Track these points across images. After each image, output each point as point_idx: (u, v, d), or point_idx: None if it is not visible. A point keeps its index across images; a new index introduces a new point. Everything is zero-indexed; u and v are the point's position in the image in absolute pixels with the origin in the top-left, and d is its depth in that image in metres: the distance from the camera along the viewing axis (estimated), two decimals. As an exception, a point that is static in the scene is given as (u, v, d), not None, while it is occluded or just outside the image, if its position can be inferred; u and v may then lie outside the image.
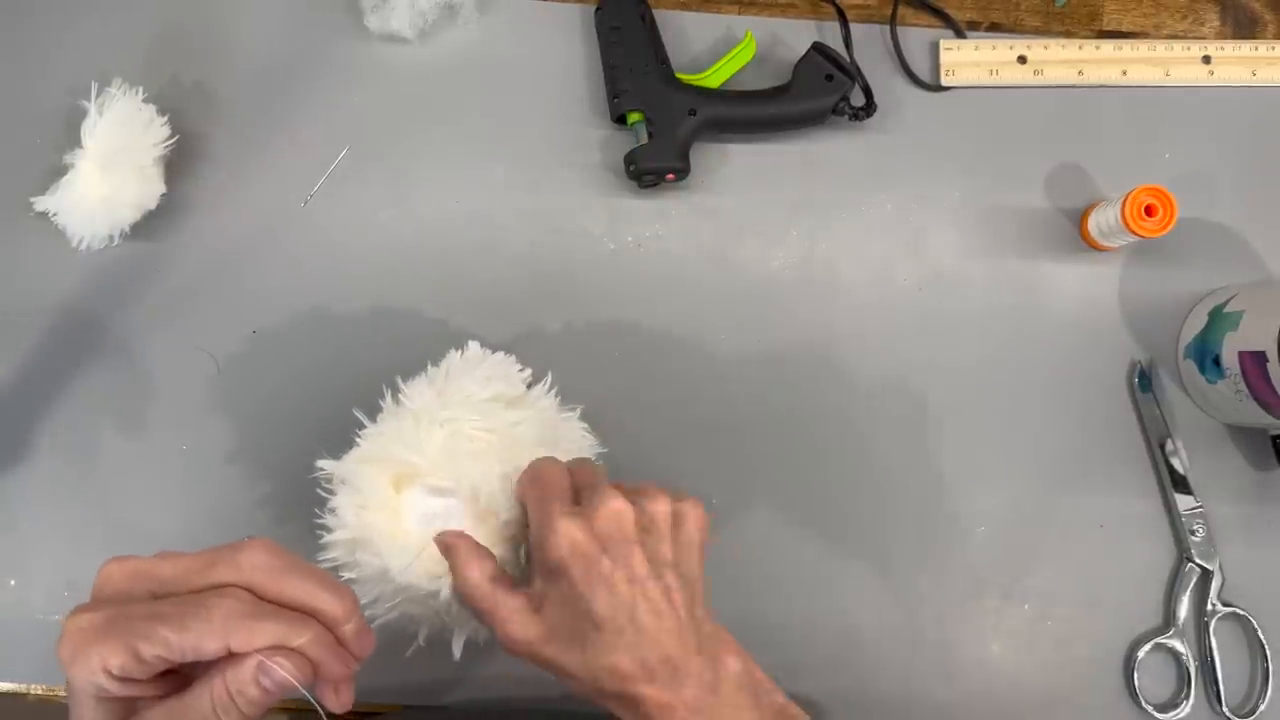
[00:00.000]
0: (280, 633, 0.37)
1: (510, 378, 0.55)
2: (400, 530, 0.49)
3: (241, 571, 0.38)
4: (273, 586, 0.38)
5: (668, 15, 0.67)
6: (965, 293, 0.65)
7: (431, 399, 0.52)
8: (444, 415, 0.51)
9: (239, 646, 0.36)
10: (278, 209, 0.64)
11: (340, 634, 0.39)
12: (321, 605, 0.39)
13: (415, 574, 0.49)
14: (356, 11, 0.65)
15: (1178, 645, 0.61)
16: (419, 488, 0.50)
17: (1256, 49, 0.68)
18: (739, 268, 0.65)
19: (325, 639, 0.38)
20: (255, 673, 0.36)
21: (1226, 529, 0.63)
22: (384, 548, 0.49)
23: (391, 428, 0.52)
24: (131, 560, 0.38)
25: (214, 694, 0.37)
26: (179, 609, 0.36)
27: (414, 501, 0.50)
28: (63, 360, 0.62)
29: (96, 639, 0.35)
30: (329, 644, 0.39)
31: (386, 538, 0.49)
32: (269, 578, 0.38)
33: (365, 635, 0.40)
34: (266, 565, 0.38)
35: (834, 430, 0.63)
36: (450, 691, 0.60)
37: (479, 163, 0.65)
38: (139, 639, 0.35)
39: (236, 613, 0.36)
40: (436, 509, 0.50)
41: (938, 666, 0.61)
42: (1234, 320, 0.60)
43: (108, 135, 0.59)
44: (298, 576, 0.39)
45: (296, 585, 0.38)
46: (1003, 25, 0.69)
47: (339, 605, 0.39)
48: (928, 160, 0.66)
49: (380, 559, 0.49)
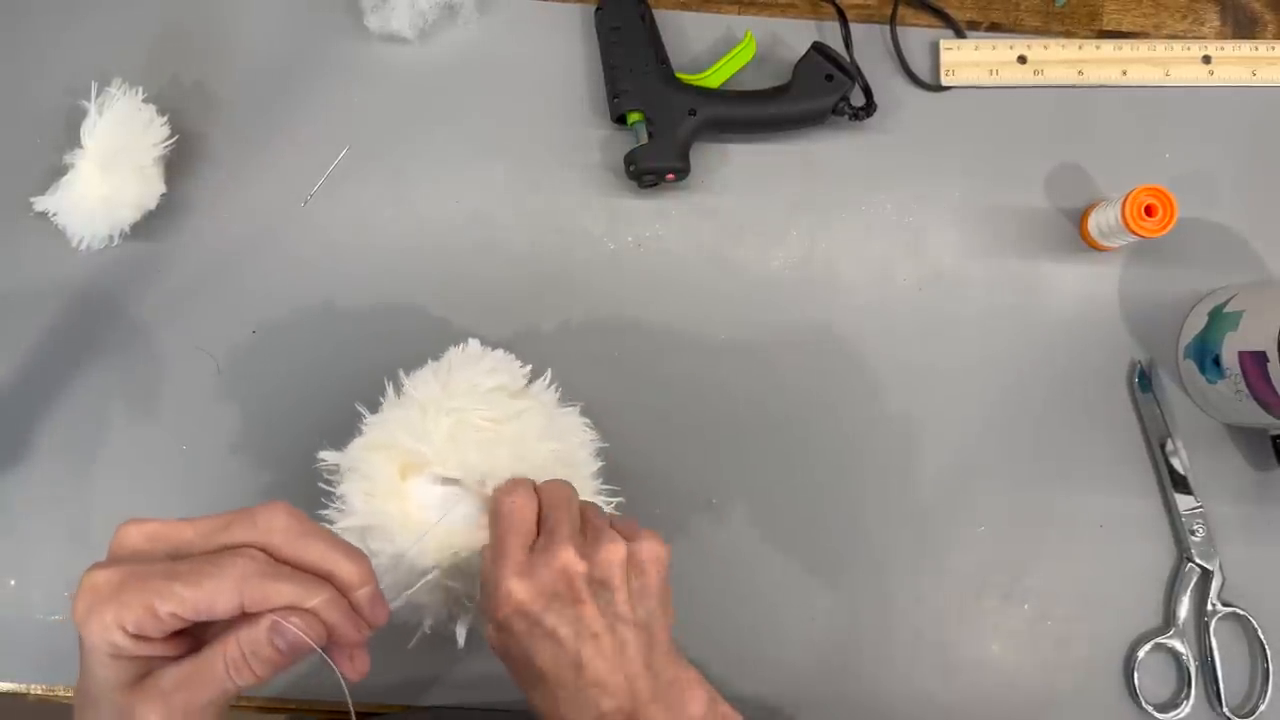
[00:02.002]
0: (295, 593, 0.37)
1: (512, 372, 0.56)
2: (410, 517, 0.50)
3: (259, 533, 0.38)
4: (289, 548, 0.38)
5: (668, 15, 0.67)
6: (965, 293, 0.65)
7: (436, 389, 0.52)
8: (450, 405, 0.51)
9: (253, 605, 0.36)
10: (278, 209, 0.64)
11: (354, 599, 0.39)
12: (337, 569, 0.39)
13: (426, 558, 0.49)
14: (356, 11, 0.65)
15: (1178, 645, 0.61)
16: (426, 476, 0.50)
17: (1256, 49, 0.68)
18: (739, 267, 0.65)
19: (340, 602, 0.38)
20: (269, 632, 0.36)
21: (1226, 529, 0.63)
22: (395, 533, 0.49)
23: (397, 416, 0.52)
24: (150, 522, 0.38)
25: (227, 654, 0.37)
26: (195, 567, 0.36)
27: (421, 490, 0.50)
28: (63, 360, 0.62)
29: (112, 595, 0.35)
30: (343, 608, 0.39)
31: (397, 523, 0.49)
32: (286, 539, 0.38)
33: (379, 603, 0.40)
34: (284, 527, 0.38)
35: (833, 430, 0.63)
36: (451, 692, 0.60)
37: (479, 163, 0.65)
38: (155, 596, 0.35)
39: (252, 572, 0.36)
40: (443, 497, 0.50)
41: (937, 666, 0.61)
42: (1234, 320, 0.60)
43: (108, 135, 0.59)
44: (315, 540, 0.39)
45: (313, 548, 0.39)
46: (1003, 25, 0.69)
47: (355, 570, 0.39)
48: (928, 160, 0.66)
49: (392, 544, 0.49)
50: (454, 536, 0.50)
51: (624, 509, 0.55)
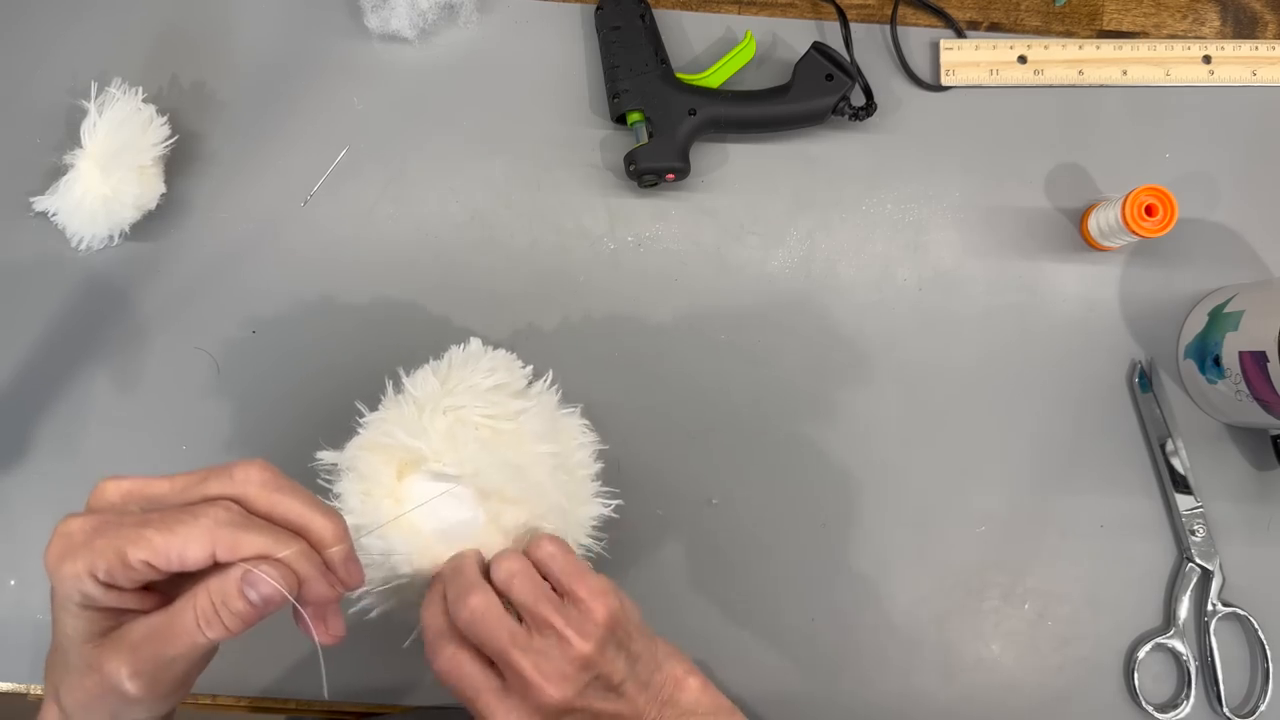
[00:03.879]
0: (266, 544, 0.36)
1: (512, 372, 0.55)
2: (405, 516, 0.49)
3: (235, 485, 0.38)
4: (263, 501, 0.38)
5: (668, 15, 0.67)
6: (965, 292, 0.65)
7: (435, 387, 0.52)
8: (447, 403, 0.51)
9: (224, 555, 0.36)
10: (278, 208, 0.64)
11: (328, 557, 0.39)
12: (312, 525, 0.38)
13: (419, 559, 0.49)
14: (356, 11, 0.65)
15: (1178, 645, 0.61)
16: (422, 474, 0.50)
17: (1257, 49, 0.68)
18: (738, 267, 0.65)
19: (312, 556, 0.38)
20: (239, 583, 0.36)
21: (1227, 529, 0.63)
22: (389, 532, 0.49)
23: (394, 415, 0.52)
24: (127, 479, 0.38)
25: (198, 606, 0.36)
26: (167, 515, 0.36)
27: (417, 488, 0.50)
28: (63, 360, 0.62)
29: (84, 543, 0.35)
30: (316, 562, 0.38)
31: (391, 523, 0.49)
32: (261, 493, 0.38)
33: (354, 563, 0.40)
34: (260, 481, 0.38)
35: (834, 429, 0.63)
36: (448, 692, 0.59)
37: (479, 162, 0.65)
38: (127, 543, 0.35)
39: (224, 521, 0.36)
40: (439, 495, 0.50)
41: (938, 666, 0.61)
42: (1234, 320, 0.60)
43: (107, 135, 0.59)
44: (290, 495, 0.38)
45: (288, 503, 0.38)
46: (1003, 25, 0.68)
47: (329, 527, 0.39)
48: (928, 160, 0.66)
49: (385, 543, 0.49)
50: (448, 537, 0.50)
51: (624, 509, 0.55)
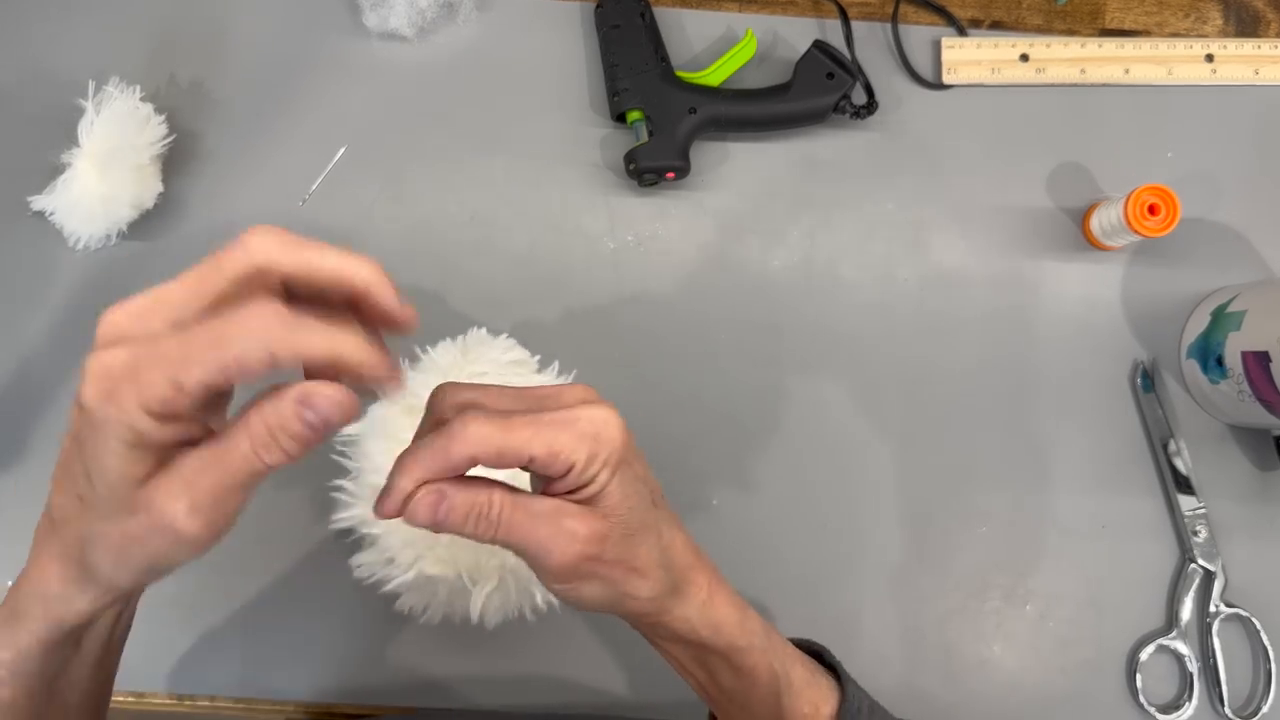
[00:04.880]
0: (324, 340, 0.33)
1: (524, 355, 0.57)
2: None
3: (253, 255, 0.34)
4: (289, 258, 0.35)
5: (668, 13, 0.66)
6: (966, 292, 0.65)
7: (457, 356, 0.54)
8: (470, 370, 0.52)
9: (283, 355, 0.32)
10: (276, 208, 0.64)
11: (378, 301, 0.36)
12: (350, 271, 0.35)
13: None
14: (355, 9, 0.65)
15: (1180, 647, 0.61)
16: None
17: (1259, 47, 0.67)
18: (739, 266, 0.64)
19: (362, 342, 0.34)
20: (296, 405, 0.32)
21: (1229, 530, 0.62)
22: None
23: (420, 380, 0.53)
24: (131, 301, 0.34)
25: (252, 432, 0.33)
26: (210, 327, 0.32)
27: None
28: (61, 360, 0.61)
29: (130, 376, 0.31)
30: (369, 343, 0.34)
31: None
32: (285, 251, 0.35)
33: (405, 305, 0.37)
34: (279, 241, 0.35)
35: (835, 429, 0.63)
36: (450, 692, 0.59)
37: (478, 161, 0.65)
38: (177, 368, 0.31)
39: (271, 318, 0.32)
40: None
41: (939, 667, 0.61)
42: (1236, 320, 0.59)
43: (105, 134, 0.59)
44: (315, 248, 0.35)
45: (318, 256, 0.35)
46: (1005, 23, 0.68)
47: (366, 268, 0.36)
48: (929, 159, 0.66)
49: None
50: None
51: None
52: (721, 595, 0.43)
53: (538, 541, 0.37)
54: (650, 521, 0.39)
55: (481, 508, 0.37)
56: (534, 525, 0.37)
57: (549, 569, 0.38)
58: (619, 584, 0.39)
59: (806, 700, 0.44)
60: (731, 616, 0.42)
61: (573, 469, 0.37)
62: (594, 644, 0.60)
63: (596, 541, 0.37)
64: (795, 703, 0.44)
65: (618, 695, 0.60)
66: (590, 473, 0.37)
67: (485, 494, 0.37)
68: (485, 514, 0.37)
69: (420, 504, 0.36)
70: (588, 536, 0.37)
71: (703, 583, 0.42)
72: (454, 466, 0.36)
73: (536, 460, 0.36)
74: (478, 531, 0.37)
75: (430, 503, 0.37)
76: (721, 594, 0.43)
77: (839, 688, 0.45)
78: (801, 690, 0.44)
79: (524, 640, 0.59)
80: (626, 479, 0.38)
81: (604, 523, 0.38)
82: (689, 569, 0.42)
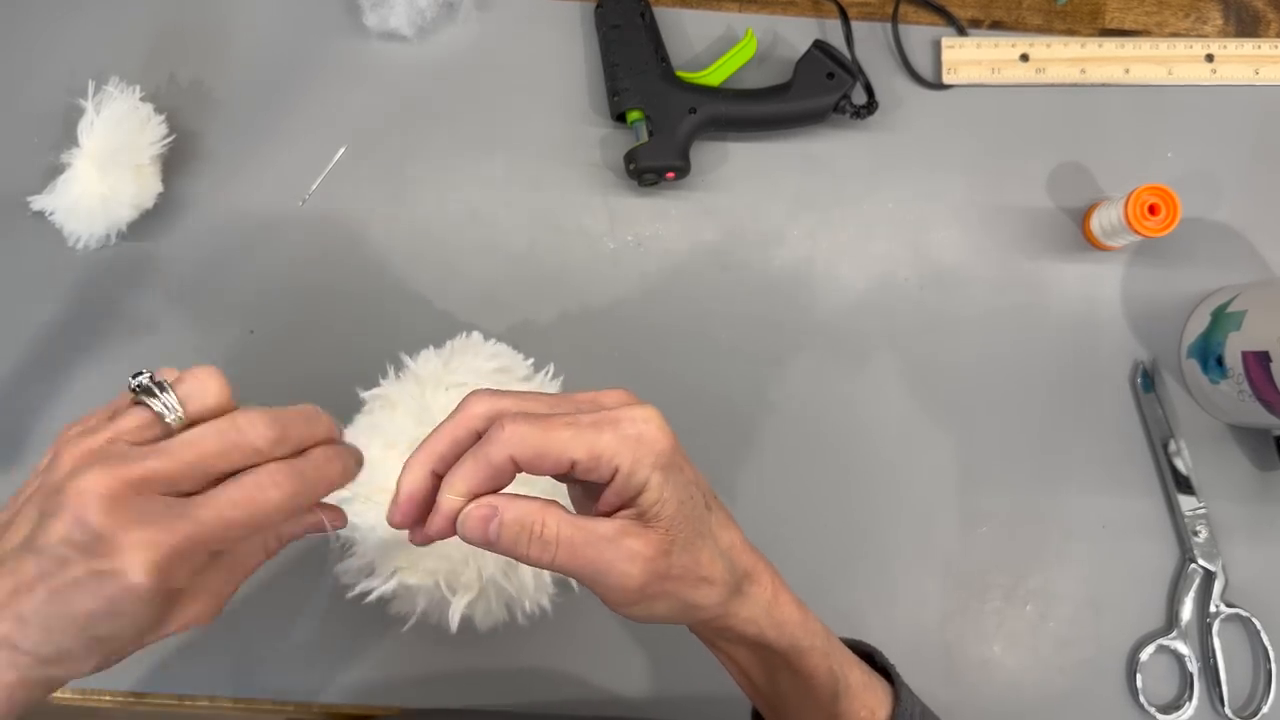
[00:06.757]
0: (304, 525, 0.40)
1: (515, 362, 0.56)
2: None
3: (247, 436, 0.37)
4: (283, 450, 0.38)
5: (668, 13, 0.66)
6: (966, 292, 0.65)
7: (438, 366, 0.53)
8: (451, 380, 0.51)
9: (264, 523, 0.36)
10: (275, 208, 0.63)
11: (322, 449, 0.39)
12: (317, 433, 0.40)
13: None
14: (355, 9, 0.64)
15: (1180, 647, 0.61)
16: None
17: (1259, 47, 0.67)
18: (739, 266, 0.64)
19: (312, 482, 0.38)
20: None
21: (1229, 530, 0.62)
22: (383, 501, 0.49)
23: (395, 391, 0.52)
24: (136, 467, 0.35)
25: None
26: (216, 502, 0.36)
27: None
28: (60, 360, 0.61)
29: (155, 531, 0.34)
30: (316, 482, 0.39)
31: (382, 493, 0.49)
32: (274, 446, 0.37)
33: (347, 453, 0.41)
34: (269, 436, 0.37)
35: (835, 429, 0.63)
36: (450, 692, 0.59)
37: (478, 161, 0.65)
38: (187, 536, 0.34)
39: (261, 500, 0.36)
40: None
41: (940, 667, 0.61)
42: (1237, 320, 0.59)
43: (105, 134, 0.59)
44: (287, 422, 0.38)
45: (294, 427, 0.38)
46: (1005, 23, 0.68)
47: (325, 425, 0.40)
48: (929, 159, 0.66)
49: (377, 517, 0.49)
50: None
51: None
52: (785, 594, 0.42)
53: (603, 566, 0.36)
54: (708, 526, 0.38)
55: (535, 526, 0.36)
56: (596, 549, 0.35)
57: (617, 594, 0.36)
58: (687, 595, 0.38)
59: (862, 704, 0.43)
60: (795, 616, 0.41)
61: (618, 473, 0.35)
62: (594, 643, 0.60)
63: (662, 557, 0.36)
64: (852, 705, 0.42)
65: (618, 694, 0.60)
66: (640, 478, 0.35)
67: (540, 511, 0.36)
68: (539, 534, 0.35)
69: (470, 518, 0.36)
70: (653, 555, 0.36)
71: (766, 582, 0.41)
72: (496, 471, 0.35)
73: (579, 465, 0.35)
74: (533, 554, 0.36)
75: (481, 517, 0.36)
76: (784, 593, 0.42)
77: (893, 692, 0.44)
78: (858, 693, 0.43)
79: (524, 640, 0.58)
80: (679, 484, 0.37)
81: (665, 536, 0.36)
82: (751, 568, 0.40)
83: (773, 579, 0.41)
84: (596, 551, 0.35)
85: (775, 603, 0.41)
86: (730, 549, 0.39)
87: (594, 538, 0.36)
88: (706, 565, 0.38)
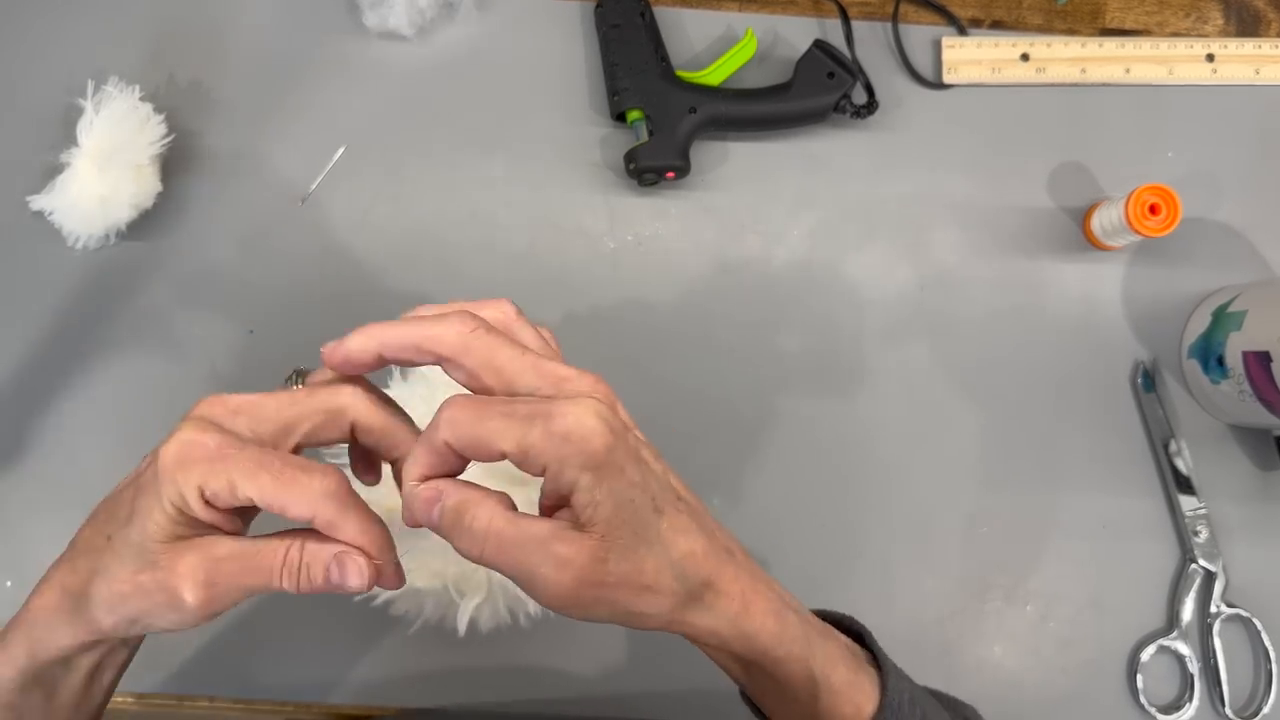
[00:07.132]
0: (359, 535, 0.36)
1: None
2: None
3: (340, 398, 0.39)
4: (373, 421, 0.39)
5: (668, 12, 0.66)
6: (967, 292, 0.65)
7: None
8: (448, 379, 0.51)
9: (322, 527, 0.36)
10: (275, 208, 0.63)
11: None
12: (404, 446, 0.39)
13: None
14: (355, 9, 0.64)
15: (1181, 647, 0.61)
16: None
17: (1260, 47, 0.67)
18: (739, 266, 0.64)
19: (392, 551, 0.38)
20: (332, 561, 0.36)
21: (1230, 530, 0.62)
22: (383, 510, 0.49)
23: (405, 393, 0.52)
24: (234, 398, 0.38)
25: (288, 555, 0.36)
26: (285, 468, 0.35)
27: None
28: (59, 360, 0.61)
29: (205, 459, 0.35)
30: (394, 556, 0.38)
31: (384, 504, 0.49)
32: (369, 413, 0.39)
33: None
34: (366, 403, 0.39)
35: (835, 429, 0.63)
36: (452, 692, 0.59)
37: (478, 161, 0.65)
38: (242, 476, 0.35)
39: (331, 493, 0.36)
40: None
41: (940, 668, 0.61)
42: (1237, 320, 0.59)
43: (104, 134, 0.59)
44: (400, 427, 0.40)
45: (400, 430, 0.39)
46: (1005, 23, 0.68)
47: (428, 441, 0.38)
48: (930, 158, 0.66)
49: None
50: None
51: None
52: (759, 604, 0.38)
53: (530, 569, 0.34)
54: (655, 531, 0.36)
55: (467, 517, 0.35)
56: (525, 550, 0.34)
57: (545, 598, 0.35)
58: (628, 603, 0.35)
59: (847, 700, 0.41)
60: (768, 626, 0.38)
61: (546, 471, 0.34)
62: (593, 643, 0.60)
63: (595, 565, 0.34)
64: (835, 703, 0.40)
65: (618, 694, 0.60)
66: (567, 478, 0.34)
67: (475, 503, 0.35)
68: (468, 525, 0.35)
69: (417, 499, 0.36)
70: (583, 563, 0.34)
71: (735, 592, 0.38)
72: (438, 454, 0.35)
73: (510, 458, 0.34)
74: (462, 546, 0.35)
75: (426, 499, 0.36)
76: (759, 602, 0.39)
77: (880, 683, 0.42)
78: (842, 691, 0.41)
79: (524, 640, 0.58)
80: (616, 486, 0.34)
81: (600, 543, 0.34)
82: (713, 578, 0.37)
83: (745, 587, 0.38)
84: (525, 553, 0.34)
85: (744, 614, 0.38)
86: (685, 557, 0.36)
87: (525, 538, 0.34)
88: (650, 573, 0.35)
